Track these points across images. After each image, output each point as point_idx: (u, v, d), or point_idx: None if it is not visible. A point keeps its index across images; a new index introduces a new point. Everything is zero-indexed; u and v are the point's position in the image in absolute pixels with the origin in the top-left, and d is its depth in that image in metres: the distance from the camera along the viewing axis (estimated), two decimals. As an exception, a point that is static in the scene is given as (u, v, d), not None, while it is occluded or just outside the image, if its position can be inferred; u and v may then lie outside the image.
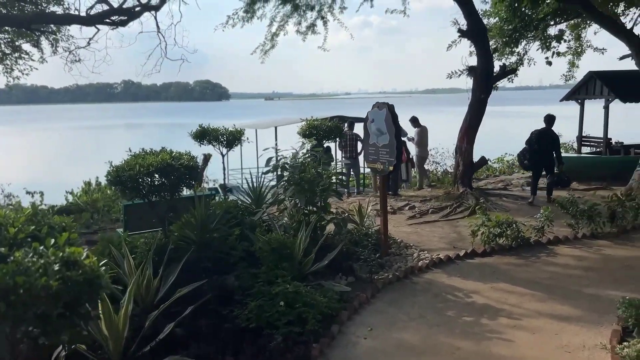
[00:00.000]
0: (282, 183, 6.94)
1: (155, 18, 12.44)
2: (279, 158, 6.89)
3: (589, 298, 5.65)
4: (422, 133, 12.90)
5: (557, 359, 4.41)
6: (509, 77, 12.18)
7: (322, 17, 13.98)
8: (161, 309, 4.56)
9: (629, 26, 12.36)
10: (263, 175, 7.29)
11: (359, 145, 13.33)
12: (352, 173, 13.45)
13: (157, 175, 5.69)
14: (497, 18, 13.27)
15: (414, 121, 12.95)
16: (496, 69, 11.81)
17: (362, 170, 14.16)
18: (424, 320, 5.30)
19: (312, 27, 14.19)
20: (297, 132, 10.87)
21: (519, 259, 7.09)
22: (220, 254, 5.95)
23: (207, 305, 5.09)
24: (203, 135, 11.13)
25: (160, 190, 5.78)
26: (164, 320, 4.55)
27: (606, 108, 12.80)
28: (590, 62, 14.87)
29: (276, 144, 8.63)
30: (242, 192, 7.91)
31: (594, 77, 13.00)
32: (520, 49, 14.34)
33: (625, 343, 4.24)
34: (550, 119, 10.53)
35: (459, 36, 11.38)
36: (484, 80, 11.17)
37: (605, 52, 16.18)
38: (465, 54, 13.07)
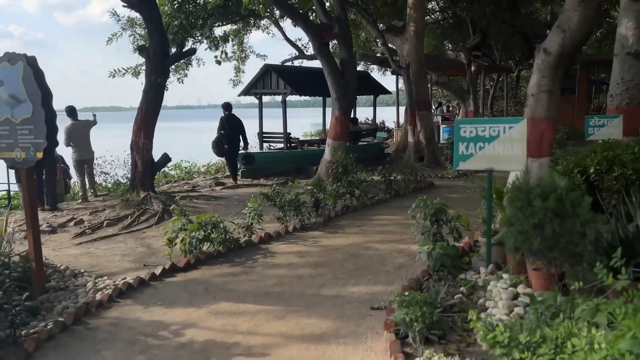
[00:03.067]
0: None
1: None
2: None
3: (333, 302, 4.40)
4: (70, 130, 9.60)
5: (339, 407, 2.89)
6: (188, 57, 10.64)
7: None
8: None
9: None
10: None
11: None
12: None
13: None
14: (162, 15, 11.62)
15: (68, 113, 9.77)
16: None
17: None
18: (117, 394, 3.11)
19: None
20: None
21: (234, 266, 5.49)
22: None
23: None
24: None
25: None
26: None
27: (283, 102, 12.59)
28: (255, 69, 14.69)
29: None
30: None
31: (269, 70, 12.66)
32: (187, 48, 13.13)
33: (417, 359, 3.02)
34: (227, 106, 11.06)
35: (124, 6, 9.22)
36: (159, 61, 9.30)
37: (266, 57, 16.94)
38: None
